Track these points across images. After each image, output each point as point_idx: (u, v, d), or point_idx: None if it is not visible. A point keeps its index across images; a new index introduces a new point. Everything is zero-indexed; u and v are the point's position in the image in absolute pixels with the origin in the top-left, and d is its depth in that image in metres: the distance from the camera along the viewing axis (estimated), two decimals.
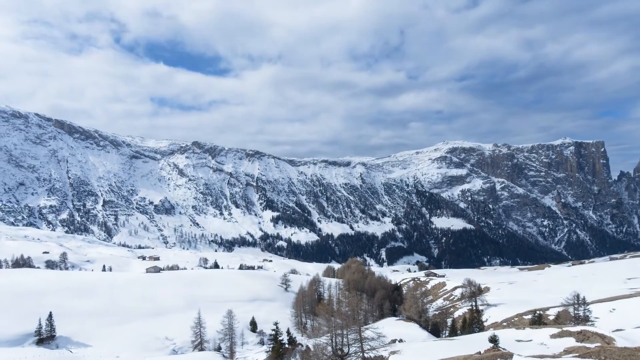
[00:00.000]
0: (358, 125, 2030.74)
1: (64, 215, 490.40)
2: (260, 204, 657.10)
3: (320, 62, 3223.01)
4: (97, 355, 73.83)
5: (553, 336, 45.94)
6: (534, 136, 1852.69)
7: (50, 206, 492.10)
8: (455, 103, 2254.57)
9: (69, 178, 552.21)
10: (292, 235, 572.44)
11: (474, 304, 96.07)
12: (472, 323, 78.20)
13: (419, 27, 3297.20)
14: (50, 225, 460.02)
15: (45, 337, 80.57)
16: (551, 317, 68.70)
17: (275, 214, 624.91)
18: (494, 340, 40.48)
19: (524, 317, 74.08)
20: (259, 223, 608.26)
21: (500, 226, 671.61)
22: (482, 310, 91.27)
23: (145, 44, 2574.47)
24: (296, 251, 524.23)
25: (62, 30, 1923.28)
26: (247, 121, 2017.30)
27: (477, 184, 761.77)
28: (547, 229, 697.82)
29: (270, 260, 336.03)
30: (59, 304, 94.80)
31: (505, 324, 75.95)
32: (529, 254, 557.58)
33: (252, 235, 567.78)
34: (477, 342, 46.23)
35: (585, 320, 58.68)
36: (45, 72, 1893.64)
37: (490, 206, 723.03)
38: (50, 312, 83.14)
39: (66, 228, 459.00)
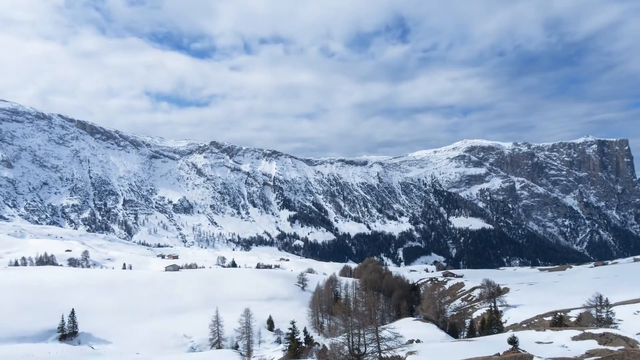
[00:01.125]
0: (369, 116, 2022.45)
1: (86, 214, 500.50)
2: (278, 203, 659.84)
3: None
4: (117, 352, 75.11)
5: (575, 338, 45.06)
6: (553, 132, 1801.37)
7: (73, 205, 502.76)
8: (472, 92, 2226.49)
9: (91, 178, 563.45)
10: (309, 234, 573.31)
11: (492, 304, 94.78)
12: (491, 324, 77.13)
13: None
14: (73, 224, 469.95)
15: (68, 334, 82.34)
16: (572, 319, 67.34)
17: (292, 213, 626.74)
18: (513, 341, 39.90)
19: (545, 318, 72.78)
20: (276, 222, 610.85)
21: (520, 226, 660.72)
22: (501, 311, 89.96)
23: None
24: (313, 250, 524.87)
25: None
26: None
27: (496, 183, 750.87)
28: (569, 229, 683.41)
29: (287, 260, 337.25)
30: (80, 301, 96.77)
31: (525, 325, 74.73)
32: (549, 254, 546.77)
33: (269, 235, 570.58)
34: (496, 343, 45.61)
35: (608, 322, 57.32)
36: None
37: (510, 206, 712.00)
38: (73, 309, 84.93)
39: (88, 227, 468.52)
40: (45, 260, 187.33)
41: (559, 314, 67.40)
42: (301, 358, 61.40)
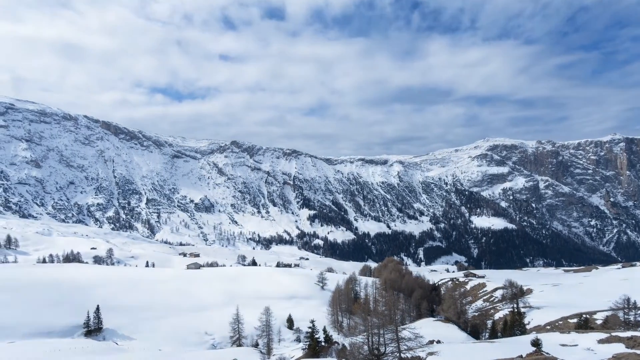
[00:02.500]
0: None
1: (110, 213, 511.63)
2: (297, 202, 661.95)
3: None
4: (140, 348, 76.58)
5: (601, 341, 43.97)
6: (582, 125, 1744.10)
7: (98, 204, 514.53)
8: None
9: (115, 177, 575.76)
10: (328, 233, 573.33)
11: (515, 305, 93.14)
12: (514, 325, 75.79)
13: None
14: (98, 222, 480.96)
15: (93, 329, 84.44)
16: (599, 322, 65.70)
17: (312, 212, 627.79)
18: (536, 344, 39.14)
19: (569, 320, 71.22)
20: (296, 221, 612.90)
21: (543, 226, 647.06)
22: (524, 312, 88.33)
23: None
24: (332, 250, 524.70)
25: None
26: None
27: (519, 182, 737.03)
28: (595, 229, 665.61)
29: (307, 259, 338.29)
30: (105, 298, 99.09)
31: (548, 327, 73.24)
32: (574, 255, 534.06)
33: (289, 234, 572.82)
34: (519, 345, 44.85)
35: (637, 325, 55.75)
36: None
37: (534, 205, 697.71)
38: (98, 306, 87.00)
39: (112, 225, 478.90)
40: (72, 258, 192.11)
41: (584, 316, 65.86)
42: (321, 357, 61.47)
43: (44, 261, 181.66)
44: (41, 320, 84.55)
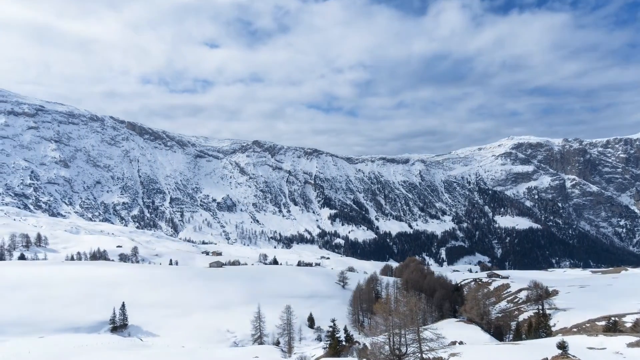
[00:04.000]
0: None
1: (135, 212, 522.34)
2: (318, 201, 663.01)
3: None
4: (164, 345, 77.97)
5: (630, 345, 42.70)
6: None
7: (123, 203, 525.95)
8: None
9: (140, 177, 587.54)
10: (349, 233, 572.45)
11: (540, 307, 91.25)
12: (539, 327, 74.26)
13: None
14: (123, 221, 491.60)
15: (119, 326, 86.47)
16: (628, 325, 63.78)
17: (333, 211, 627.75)
18: (562, 346, 38.26)
19: (597, 323, 69.35)
20: (317, 220, 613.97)
21: (570, 226, 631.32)
22: (549, 314, 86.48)
23: None
24: (353, 249, 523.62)
25: None
26: None
27: (544, 181, 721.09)
28: (625, 230, 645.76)
29: (328, 258, 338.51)
30: (130, 295, 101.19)
31: (575, 329, 71.51)
32: (603, 256, 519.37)
33: (309, 233, 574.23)
34: (544, 347, 43.95)
35: None
36: None
37: (560, 205, 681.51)
38: (123, 302, 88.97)
39: (137, 224, 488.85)
40: (98, 256, 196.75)
41: (613, 318, 64.05)
42: (342, 356, 61.46)
43: (72, 259, 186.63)
44: (69, 316, 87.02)
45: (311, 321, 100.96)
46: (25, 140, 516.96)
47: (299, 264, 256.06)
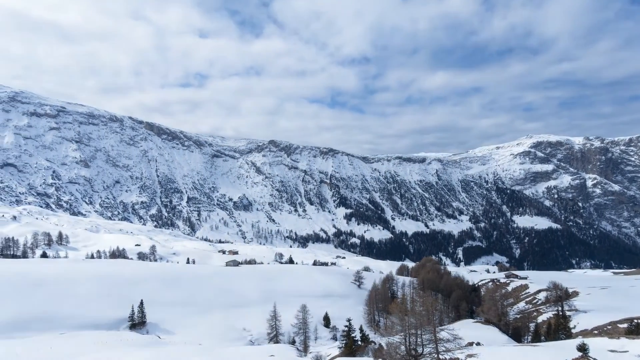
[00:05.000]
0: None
1: (153, 211, 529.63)
2: (334, 201, 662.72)
3: None
4: (181, 342, 78.89)
5: None
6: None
7: (142, 202, 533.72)
8: None
9: (158, 176, 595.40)
10: (365, 232, 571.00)
11: (560, 308, 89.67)
12: (558, 329, 72.93)
13: None
14: (142, 219, 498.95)
15: (137, 323, 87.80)
16: None
17: (349, 210, 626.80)
18: (583, 348, 37.54)
19: (619, 325, 67.79)
20: (332, 220, 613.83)
21: (591, 226, 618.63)
22: (569, 316, 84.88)
23: None
24: (369, 248, 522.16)
25: None
26: None
27: (564, 180, 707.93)
28: None
29: (344, 257, 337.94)
30: (148, 293, 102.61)
31: (596, 332, 70.04)
32: (625, 257, 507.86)
33: (325, 232, 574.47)
34: (564, 350, 43.17)
35: None
36: None
37: (580, 204, 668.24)
38: (142, 300, 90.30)
39: (155, 222, 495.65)
40: (117, 254, 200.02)
41: (635, 320, 62.52)
42: (357, 356, 61.37)
43: (92, 257, 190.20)
44: (90, 313, 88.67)
45: (327, 320, 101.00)
46: (47, 140, 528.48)
47: (315, 263, 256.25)
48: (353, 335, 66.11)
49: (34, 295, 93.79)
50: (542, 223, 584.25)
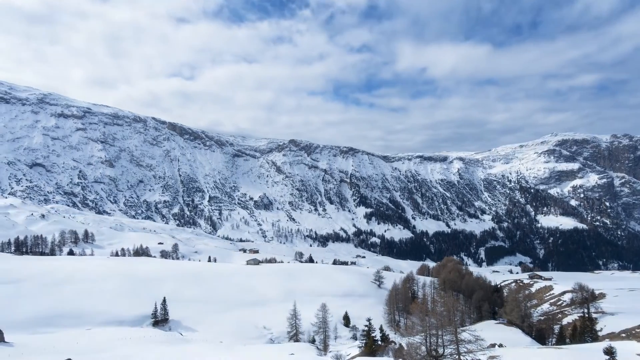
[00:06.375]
0: None
1: (176, 210, 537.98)
2: (354, 200, 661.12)
3: None
4: (203, 340, 79.98)
5: None
6: None
7: (164, 201, 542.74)
8: None
9: (180, 176, 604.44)
10: (385, 231, 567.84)
11: (586, 310, 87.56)
12: (584, 332, 71.26)
13: None
14: (164, 218, 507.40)
15: (160, 320, 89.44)
16: None
17: (369, 210, 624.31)
18: (610, 352, 36.63)
19: None
20: (352, 219, 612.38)
21: (619, 226, 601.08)
22: (595, 318, 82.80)
23: None
24: (389, 248, 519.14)
25: None
26: None
27: (591, 179, 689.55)
28: None
29: (364, 257, 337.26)
30: (171, 290, 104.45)
31: (624, 335, 68.16)
32: None
33: (345, 231, 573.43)
34: (590, 353, 42.22)
35: None
36: None
37: (607, 204, 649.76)
38: (164, 298, 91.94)
39: (177, 221, 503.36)
40: (141, 252, 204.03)
41: None
42: (377, 356, 61.15)
43: (116, 254, 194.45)
44: (114, 310, 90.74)
45: (346, 320, 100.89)
46: (73, 141, 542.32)
47: (335, 262, 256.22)
48: (373, 335, 65.87)
49: (62, 292, 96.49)
50: (567, 223, 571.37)
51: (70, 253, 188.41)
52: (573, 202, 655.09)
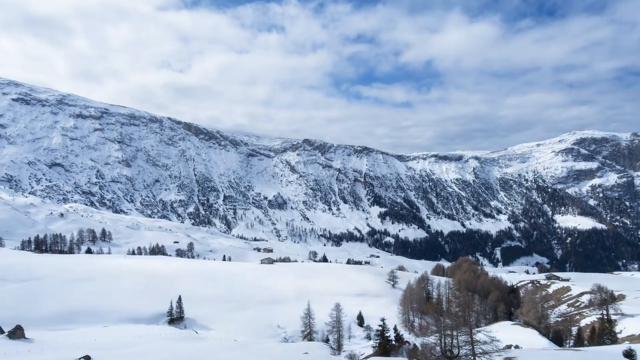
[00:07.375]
0: None
1: (191, 209, 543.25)
2: (368, 199, 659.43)
3: None
4: (217, 338, 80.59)
5: None
6: None
7: (180, 201, 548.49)
8: None
9: (195, 175, 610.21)
10: (399, 231, 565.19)
11: (605, 312, 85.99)
12: (603, 334, 69.92)
13: None
14: (180, 217, 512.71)
15: (175, 318, 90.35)
16: None
17: (383, 209, 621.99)
18: (630, 354, 35.90)
19: None
20: (367, 219, 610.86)
21: (639, 226, 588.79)
22: (615, 320, 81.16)
23: None
24: (404, 248, 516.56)
25: None
26: None
27: (610, 178, 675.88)
28: None
29: (378, 256, 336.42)
30: (186, 289, 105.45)
31: None
32: None
33: (359, 231, 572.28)
34: (609, 355, 41.45)
35: None
36: None
37: (628, 204, 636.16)
38: (180, 296, 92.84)
39: (192, 220, 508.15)
40: (157, 251, 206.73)
41: None
42: (391, 356, 60.88)
43: (133, 253, 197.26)
44: (130, 308, 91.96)
45: (360, 319, 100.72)
46: (91, 141, 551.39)
47: (349, 262, 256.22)
48: (387, 334, 65.52)
49: (80, 289, 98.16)
50: (585, 223, 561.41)
51: (88, 251, 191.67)
52: (592, 202, 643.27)
